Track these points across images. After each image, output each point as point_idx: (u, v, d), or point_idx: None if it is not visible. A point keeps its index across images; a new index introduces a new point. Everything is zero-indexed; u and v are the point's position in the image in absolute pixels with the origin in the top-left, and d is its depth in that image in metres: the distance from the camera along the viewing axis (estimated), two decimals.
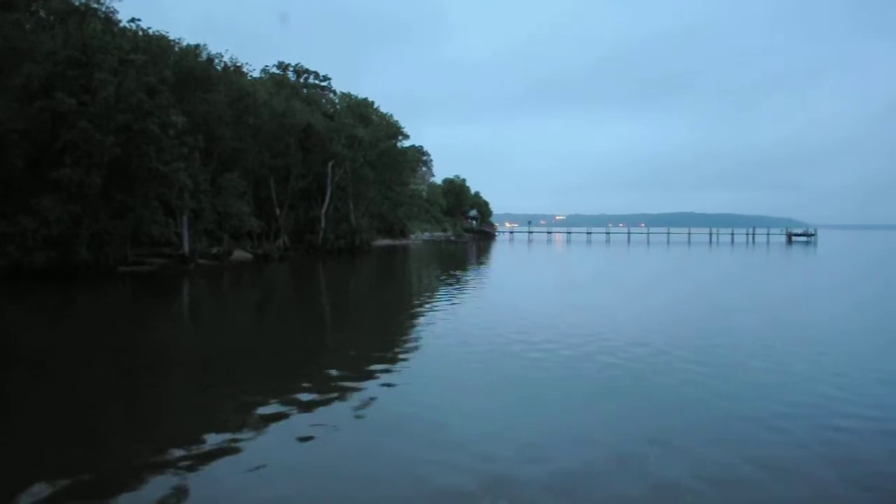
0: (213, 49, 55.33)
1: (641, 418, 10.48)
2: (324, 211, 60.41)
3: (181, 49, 48.59)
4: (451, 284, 34.00)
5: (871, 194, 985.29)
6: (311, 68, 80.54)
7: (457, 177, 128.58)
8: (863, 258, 66.00)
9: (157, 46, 44.11)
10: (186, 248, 41.42)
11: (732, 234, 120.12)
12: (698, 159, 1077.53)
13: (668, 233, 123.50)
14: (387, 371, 13.62)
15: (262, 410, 10.72)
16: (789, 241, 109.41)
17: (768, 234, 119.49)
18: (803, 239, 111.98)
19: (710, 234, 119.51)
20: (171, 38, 47.95)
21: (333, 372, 13.65)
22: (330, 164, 60.04)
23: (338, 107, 75.51)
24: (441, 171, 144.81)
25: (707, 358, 14.79)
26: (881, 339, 18.58)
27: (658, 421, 10.29)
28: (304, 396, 11.56)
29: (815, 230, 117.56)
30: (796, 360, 14.73)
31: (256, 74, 64.28)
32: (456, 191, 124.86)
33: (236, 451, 8.86)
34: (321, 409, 10.86)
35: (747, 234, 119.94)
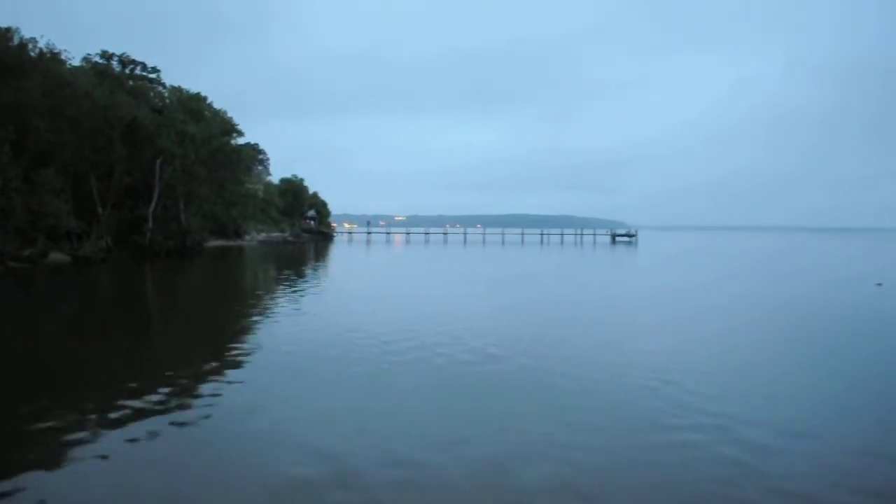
0: (28, 33, 51.09)
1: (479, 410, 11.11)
2: (151, 210, 57.60)
3: None
4: (287, 287, 33.56)
5: (689, 197, 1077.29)
6: (140, 59, 76.18)
7: (294, 176, 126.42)
8: (667, 255, 73.13)
9: None
10: None
11: (562, 234, 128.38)
12: (534, 164, 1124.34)
13: (503, 233, 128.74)
14: (219, 379, 13.40)
15: (84, 426, 10.26)
16: (613, 241, 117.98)
17: (595, 235, 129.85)
18: (626, 239, 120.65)
19: (542, 234, 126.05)
20: None
21: (157, 381, 13.22)
22: (158, 160, 57.37)
23: (168, 101, 72.06)
24: (278, 171, 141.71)
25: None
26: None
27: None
28: (130, 405, 11.20)
29: (637, 231, 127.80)
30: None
31: (76, 63, 60.09)
32: (294, 190, 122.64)
33: (62, 462, 8.44)
34: (146, 418, 10.59)
35: (576, 234, 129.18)
